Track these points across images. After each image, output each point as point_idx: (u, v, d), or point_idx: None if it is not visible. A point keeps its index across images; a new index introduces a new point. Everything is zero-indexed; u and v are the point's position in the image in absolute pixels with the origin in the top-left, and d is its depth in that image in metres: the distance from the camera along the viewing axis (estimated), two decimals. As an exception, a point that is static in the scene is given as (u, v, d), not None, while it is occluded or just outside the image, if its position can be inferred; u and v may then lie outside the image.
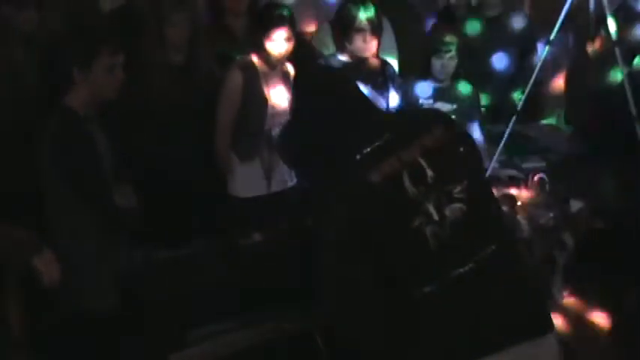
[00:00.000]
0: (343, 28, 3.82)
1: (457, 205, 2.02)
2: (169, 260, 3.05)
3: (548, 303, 2.70)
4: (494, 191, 3.63)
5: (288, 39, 3.57)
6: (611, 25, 4.09)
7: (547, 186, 3.74)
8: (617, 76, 4.24)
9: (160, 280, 2.98)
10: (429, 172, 2.02)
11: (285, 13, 3.58)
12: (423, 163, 2.02)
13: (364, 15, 3.75)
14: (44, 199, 2.91)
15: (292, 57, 3.67)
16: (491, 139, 4.23)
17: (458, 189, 2.03)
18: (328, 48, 4.11)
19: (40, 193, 2.92)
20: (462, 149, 2.12)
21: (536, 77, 4.18)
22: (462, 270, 1.99)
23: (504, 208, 3.49)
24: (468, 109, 4.15)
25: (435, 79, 4.15)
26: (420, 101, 4.12)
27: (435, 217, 2.00)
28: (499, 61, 4.72)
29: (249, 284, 2.95)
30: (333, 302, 2.09)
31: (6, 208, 2.85)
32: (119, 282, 2.92)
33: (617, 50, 4.06)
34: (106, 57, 2.85)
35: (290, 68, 3.70)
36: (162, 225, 3.26)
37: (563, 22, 4.15)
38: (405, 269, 1.99)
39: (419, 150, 2.03)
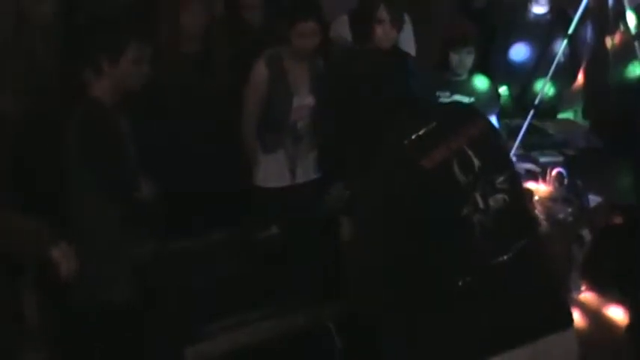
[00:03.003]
0: (363, 19, 3.81)
1: (500, 196, 2.04)
2: (187, 252, 3.05)
3: (567, 297, 2.70)
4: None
5: (314, 32, 3.56)
6: (631, 19, 4.06)
7: (565, 180, 3.71)
8: (635, 70, 4.21)
9: (177, 272, 2.98)
10: (476, 162, 2.03)
11: (312, 6, 3.57)
12: (470, 152, 2.03)
13: (384, 6, 3.74)
14: (65, 190, 2.91)
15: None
16: (509, 132, 4.21)
17: (500, 179, 2.05)
18: (345, 40, 4.11)
19: (59, 185, 2.92)
20: (501, 141, 2.17)
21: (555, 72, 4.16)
22: (500, 260, 2.00)
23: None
24: (486, 102, 4.13)
25: (453, 73, 4.13)
26: (437, 94, 4.11)
27: (481, 205, 2.01)
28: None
29: (267, 277, 2.95)
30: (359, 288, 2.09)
31: (23, 200, 2.86)
32: (136, 274, 2.93)
33: (636, 44, 4.03)
34: (135, 48, 2.85)
35: (317, 60, 3.70)
36: (182, 216, 3.26)
37: (582, 17, 4.12)
38: (451, 257, 1.99)
39: (465, 139, 2.05)
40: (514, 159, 4.03)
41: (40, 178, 3.08)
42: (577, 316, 3.42)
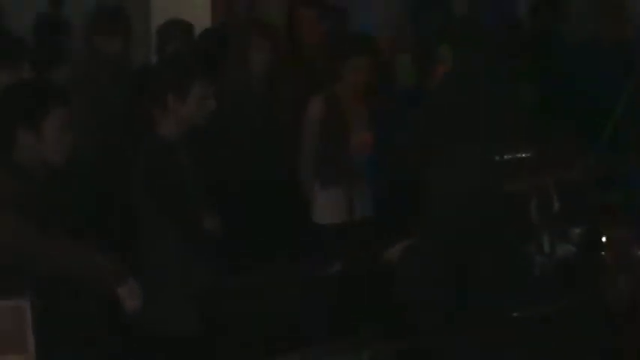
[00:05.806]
0: (425, 57, 3.80)
1: (570, 247, 2.02)
2: (250, 286, 3.07)
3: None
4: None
5: (368, 67, 3.57)
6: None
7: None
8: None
9: (241, 305, 2.99)
10: (556, 205, 2.01)
11: (366, 42, 3.59)
12: (554, 194, 2.01)
13: (445, 43, 3.73)
14: (132, 225, 2.96)
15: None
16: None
17: (577, 231, 2.03)
18: (410, 77, 4.11)
19: (127, 219, 2.97)
20: (593, 193, 2.14)
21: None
22: (550, 308, 1.99)
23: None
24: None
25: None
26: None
27: (546, 249, 1.99)
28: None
29: (329, 312, 2.95)
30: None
31: (94, 235, 2.92)
32: (200, 307, 2.95)
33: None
34: (201, 87, 2.89)
35: (372, 95, 3.70)
36: (242, 250, 3.29)
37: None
38: (502, 290, 1.98)
39: (555, 178, 2.03)
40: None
41: (109, 213, 3.14)
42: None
